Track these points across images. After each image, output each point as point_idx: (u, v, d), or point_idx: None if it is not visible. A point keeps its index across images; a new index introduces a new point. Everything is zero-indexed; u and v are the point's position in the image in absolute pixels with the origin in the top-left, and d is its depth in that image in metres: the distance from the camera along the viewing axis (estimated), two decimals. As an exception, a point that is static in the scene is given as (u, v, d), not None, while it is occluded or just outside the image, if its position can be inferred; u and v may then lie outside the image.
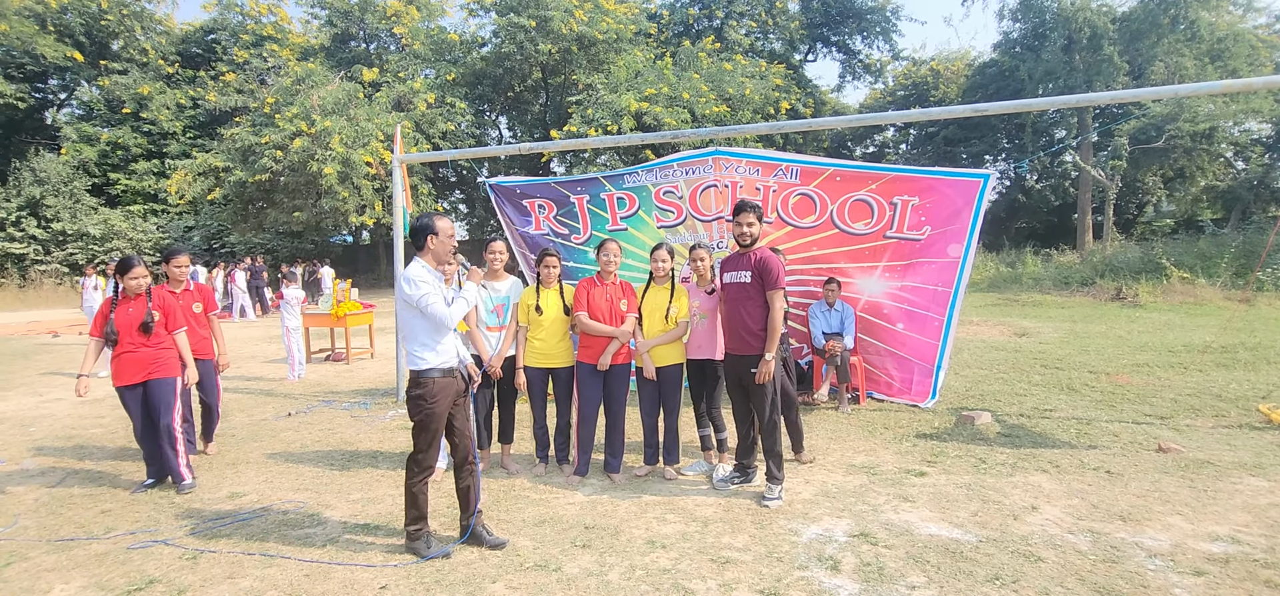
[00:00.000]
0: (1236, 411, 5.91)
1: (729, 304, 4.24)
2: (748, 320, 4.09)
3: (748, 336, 4.10)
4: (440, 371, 3.45)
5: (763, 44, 29.24)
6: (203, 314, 5.32)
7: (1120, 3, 22.89)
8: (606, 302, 4.49)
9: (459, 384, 3.56)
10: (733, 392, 4.32)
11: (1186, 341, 9.47)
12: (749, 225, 4.16)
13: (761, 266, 4.09)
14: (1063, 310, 13.90)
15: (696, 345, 4.57)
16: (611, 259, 4.56)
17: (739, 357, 4.16)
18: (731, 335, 4.22)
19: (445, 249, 3.58)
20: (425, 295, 3.40)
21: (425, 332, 3.43)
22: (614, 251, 4.60)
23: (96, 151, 26.69)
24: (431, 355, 3.44)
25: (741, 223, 4.18)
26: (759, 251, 4.18)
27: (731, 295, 4.23)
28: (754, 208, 4.18)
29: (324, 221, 21.56)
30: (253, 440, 5.79)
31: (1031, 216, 29.12)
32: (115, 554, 3.58)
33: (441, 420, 3.49)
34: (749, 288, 4.11)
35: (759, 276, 4.08)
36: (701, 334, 4.55)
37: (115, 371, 4.49)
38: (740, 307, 4.13)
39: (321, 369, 9.57)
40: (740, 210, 4.19)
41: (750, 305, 4.10)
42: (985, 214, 5.90)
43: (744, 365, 4.12)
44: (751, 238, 4.17)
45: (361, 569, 3.34)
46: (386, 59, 25.41)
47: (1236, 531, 3.54)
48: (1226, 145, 22.62)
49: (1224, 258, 15.98)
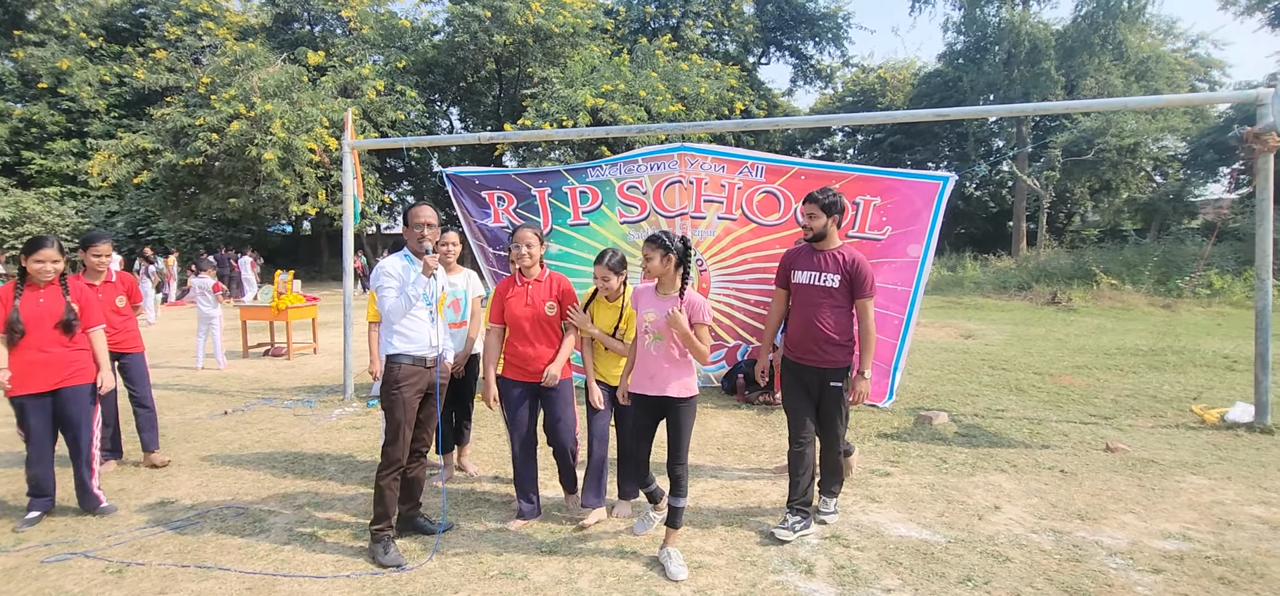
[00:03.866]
0: (1172, 411, 6.19)
1: (802, 309, 3.62)
2: (826, 328, 3.53)
3: (827, 346, 3.54)
4: (409, 358, 3.34)
5: (718, 45, 29.48)
6: (128, 307, 4.86)
7: (1056, 20, 24.04)
8: (528, 309, 3.62)
9: (430, 376, 3.44)
10: (794, 393, 3.67)
11: (1119, 344, 9.93)
12: (812, 218, 3.59)
13: (855, 271, 3.52)
14: (1003, 313, 14.43)
15: (648, 376, 3.30)
16: (524, 251, 3.63)
17: (812, 369, 3.59)
18: (801, 342, 3.61)
19: (412, 238, 3.43)
20: (381, 286, 3.39)
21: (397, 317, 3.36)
22: (528, 240, 3.65)
23: (8, 128, 24.69)
24: (400, 340, 3.36)
25: (804, 214, 3.64)
26: (848, 251, 3.61)
27: (806, 298, 3.61)
28: (819, 200, 3.58)
29: (262, 209, 20.59)
30: (185, 440, 5.39)
31: (970, 222, 30.27)
32: (26, 568, 3.23)
33: (409, 409, 3.33)
34: (835, 294, 3.54)
35: (850, 281, 3.53)
36: (654, 361, 3.29)
37: (17, 374, 3.69)
38: (819, 313, 3.55)
39: (260, 364, 9.06)
40: (806, 201, 3.64)
41: (834, 312, 3.54)
42: (944, 215, 6.00)
43: (816, 378, 3.59)
44: (814, 232, 3.61)
45: (309, 580, 3.10)
46: (333, 42, 24.43)
47: (1186, 528, 3.66)
48: (1147, 160, 24.03)
49: (1147, 265, 16.91)
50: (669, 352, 3.26)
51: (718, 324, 6.62)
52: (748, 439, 5.38)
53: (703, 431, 5.49)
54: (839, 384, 3.56)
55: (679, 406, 3.25)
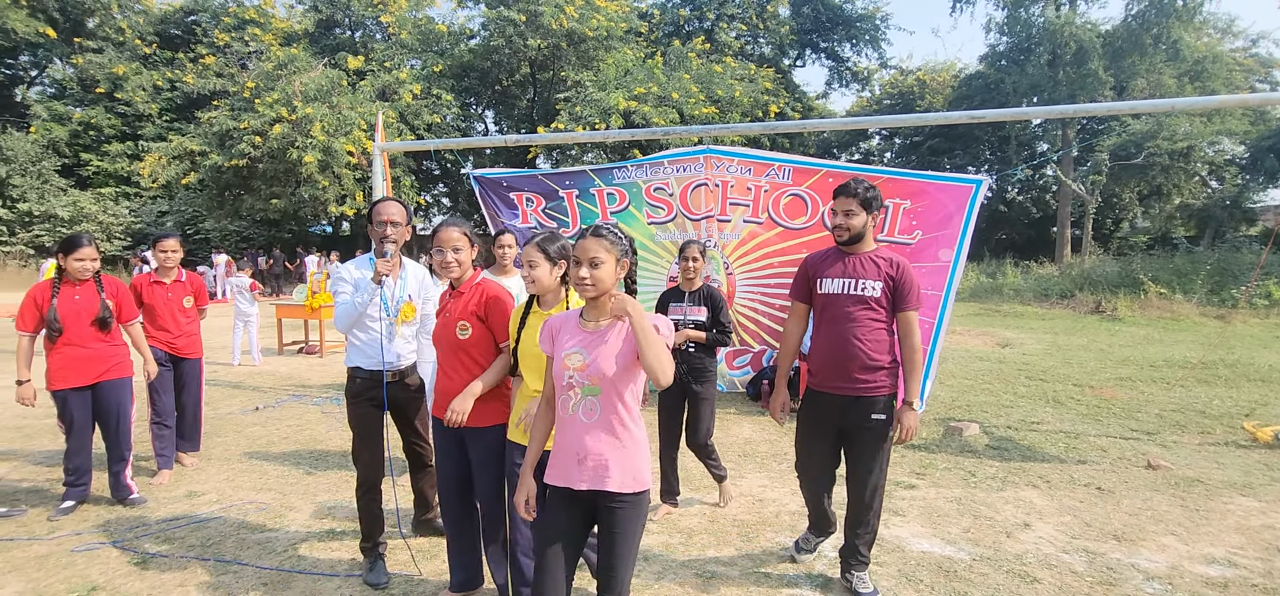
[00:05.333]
0: (1221, 428, 5.89)
1: (832, 324, 2.95)
2: (865, 348, 2.87)
3: (864, 370, 2.87)
4: (364, 372, 3.08)
5: (753, 47, 29.22)
6: (194, 308, 4.75)
7: (1104, 20, 23.23)
8: (443, 330, 2.77)
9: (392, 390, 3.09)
10: (814, 445, 3.07)
11: (1167, 356, 9.51)
12: (850, 216, 2.92)
13: (900, 277, 2.87)
14: (1043, 322, 13.96)
15: (574, 458, 2.08)
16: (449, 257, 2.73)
17: (844, 400, 2.91)
18: (832, 366, 2.93)
19: (373, 237, 3.11)
20: (335, 290, 3.15)
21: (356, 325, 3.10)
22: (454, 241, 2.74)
23: (67, 131, 25.95)
24: (354, 351, 3.11)
25: (839, 211, 2.95)
26: (890, 253, 2.97)
27: (836, 311, 2.94)
28: (856, 193, 2.91)
29: (302, 210, 21.13)
30: (216, 435, 5.52)
31: (1011, 228, 29.42)
32: (57, 556, 3.33)
33: (363, 425, 3.08)
34: (875, 304, 2.88)
35: (894, 289, 2.88)
36: (583, 431, 2.08)
37: (55, 371, 3.77)
38: (853, 329, 2.89)
39: (293, 362, 9.28)
40: (837, 194, 2.98)
41: (872, 328, 2.88)
42: (977, 220, 5.82)
43: (850, 411, 2.91)
44: (852, 232, 2.93)
45: (324, 579, 3.13)
46: (372, 47, 24.98)
47: (1232, 554, 3.46)
48: (1202, 164, 23.03)
49: (1200, 275, 16.18)
50: (609, 418, 2.06)
51: (742, 328, 6.54)
52: (770, 446, 5.29)
53: (725, 437, 5.41)
54: (881, 417, 2.89)
55: (621, 508, 2.04)
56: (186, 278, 4.77)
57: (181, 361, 4.68)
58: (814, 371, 3.03)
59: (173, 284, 4.63)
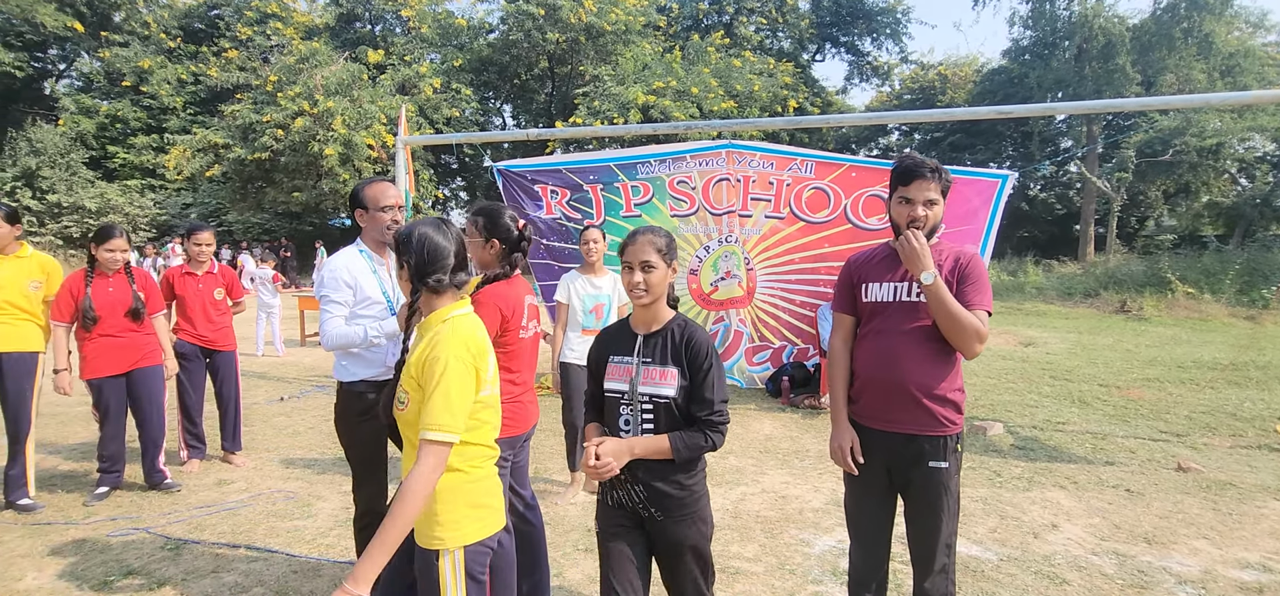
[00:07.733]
0: (1253, 431, 5.77)
1: (879, 340, 2.24)
2: (923, 371, 2.17)
3: (921, 402, 2.16)
4: (369, 383, 2.56)
5: (772, 42, 29.04)
6: (225, 300, 4.72)
7: (1132, 13, 22.78)
8: None
9: None
10: (862, 496, 2.33)
11: (1196, 357, 9.33)
12: (930, 205, 2.20)
13: (968, 273, 2.17)
14: (1067, 321, 13.76)
15: None
16: None
17: (896, 438, 2.21)
18: (879, 395, 2.23)
19: (377, 225, 2.65)
20: (326, 296, 2.54)
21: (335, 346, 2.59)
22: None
23: (95, 124, 26.40)
24: (349, 361, 2.58)
25: (917, 198, 2.20)
26: (952, 246, 2.26)
27: (887, 325, 2.23)
28: (936, 175, 2.20)
29: (323, 203, 21.37)
30: (242, 425, 5.59)
31: (1034, 225, 28.98)
32: (94, 541, 3.41)
33: (367, 450, 2.61)
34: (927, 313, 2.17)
35: (960, 285, 2.16)
36: None
37: (90, 360, 3.83)
38: (909, 348, 2.18)
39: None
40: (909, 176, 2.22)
41: (931, 347, 2.17)
42: (1002, 215, 5.74)
43: (907, 452, 2.20)
44: (933, 225, 2.22)
45: (351, 566, 3.17)
46: (392, 41, 25.14)
47: (1266, 558, 3.39)
48: (1232, 161, 22.52)
49: (1229, 274, 15.83)
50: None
51: (763, 324, 6.52)
52: (791, 442, 5.27)
53: (745, 434, 5.40)
54: (942, 464, 2.18)
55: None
56: (219, 270, 4.78)
57: (216, 354, 4.68)
58: (860, 403, 2.32)
59: (204, 275, 4.65)
